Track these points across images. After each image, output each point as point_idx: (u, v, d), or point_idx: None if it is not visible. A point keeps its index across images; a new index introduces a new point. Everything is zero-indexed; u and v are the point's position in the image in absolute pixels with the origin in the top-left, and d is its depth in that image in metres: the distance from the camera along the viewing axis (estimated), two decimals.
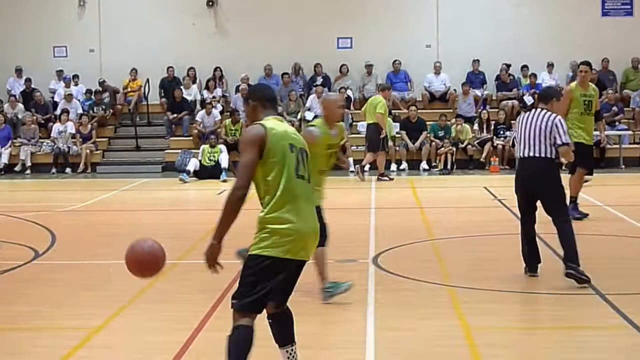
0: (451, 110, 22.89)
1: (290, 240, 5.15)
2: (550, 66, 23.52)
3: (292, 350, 5.55)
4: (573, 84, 12.70)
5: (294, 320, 5.56)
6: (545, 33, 23.65)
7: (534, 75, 23.12)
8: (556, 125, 8.41)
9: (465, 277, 8.79)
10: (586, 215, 12.51)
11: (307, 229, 5.23)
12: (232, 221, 5.16)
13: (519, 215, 8.85)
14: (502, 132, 21.62)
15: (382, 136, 18.52)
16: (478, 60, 23.47)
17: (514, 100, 22.78)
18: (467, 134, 21.51)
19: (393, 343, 6.63)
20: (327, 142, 7.88)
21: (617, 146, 21.38)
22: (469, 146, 21.45)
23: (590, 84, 12.62)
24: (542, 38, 23.65)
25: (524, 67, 23.46)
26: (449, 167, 20.87)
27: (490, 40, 23.66)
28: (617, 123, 22.00)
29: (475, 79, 23.30)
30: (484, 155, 21.22)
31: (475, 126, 21.87)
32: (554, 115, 8.55)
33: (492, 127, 21.80)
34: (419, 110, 21.99)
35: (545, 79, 23.41)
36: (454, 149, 21.10)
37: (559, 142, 8.35)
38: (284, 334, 5.53)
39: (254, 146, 5.16)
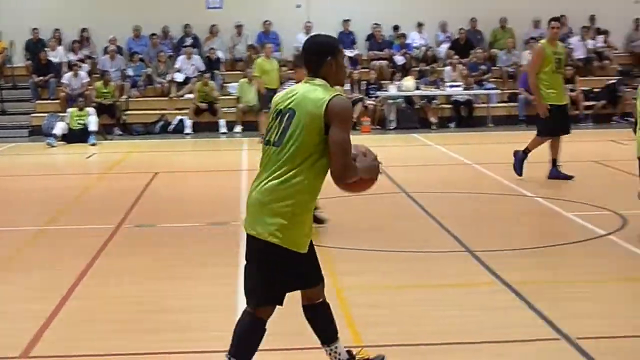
0: None
1: None
2: (420, 26, 23.83)
3: (331, 349, 4.99)
4: (543, 41, 12.49)
5: None
6: None
7: (404, 35, 23.38)
8: None
9: (339, 238, 8.84)
10: (571, 177, 12.29)
11: None
12: None
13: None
14: (372, 92, 21.80)
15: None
16: (349, 20, 23.53)
17: (384, 61, 22.99)
18: None
19: None
20: None
21: (485, 105, 21.84)
22: None
23: (559, 42, 12.54)
24: None
25: (395, 28, 23.68)
26: None
27: (360, 0, 23.77)
28: (484, 82, 22.46)
29: (346, 39, 23.36)
30: (355, 115, 21.35)
31: (347, 86, 21.97)
32: None
33: (364, 88, 21.97)
34: (289, 71, 21.94)
35: (415, 39, 23.72)
36: None
37: None
38: (317, 333, 5.01)
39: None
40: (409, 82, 21.63)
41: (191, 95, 21.51)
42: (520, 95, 21.21)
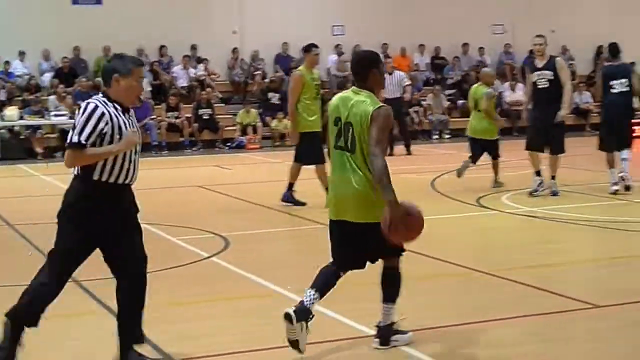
0: None
1: None
2: (22, 54, 23.36)
3: (386, 306, 6.00)
4: (302, 68, 12.30)
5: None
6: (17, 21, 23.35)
7: (8, 63, 22.88)
8: None
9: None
10: (304, 203, 12.19)
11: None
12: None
13: None
14: None
15: None
16: None
17: None
18: None
19: None
20: None
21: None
22: None
23: (315, 70, 12.36)
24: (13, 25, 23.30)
25: None
26: None
27: None
28: None
29: None
30: None
31: None
32: None
33: None
34: None
35: (18, 68, 23.19)
36: None
37: None
38: (383, 290, 6.01)
39: None
40: (12, 111, 21.01)
41: None
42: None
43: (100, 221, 5.43)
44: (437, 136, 24.61)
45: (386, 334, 5.99)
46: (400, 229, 5.55)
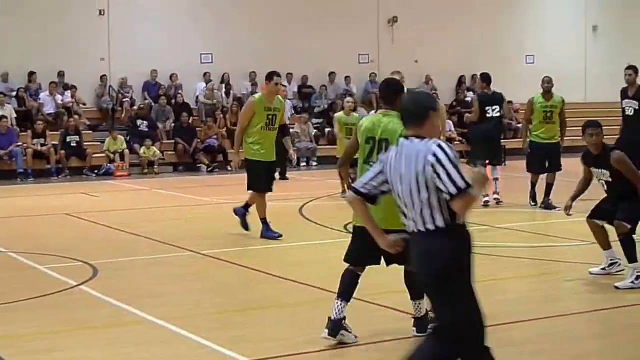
0: None
1: None
2: None
3: (415, 302, 6.82)
4: (258, 95, 11.88)
5: None
6: None
7: None
8: None
9: None
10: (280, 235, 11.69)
11: None
12: None
13: None
14: None
15: None
16: None
17: None
18: None
19: None
20: None
21: None
22: None
23: (278, 99, 11.80)
24: None
25: None
26: None
27: None
28: None
29: None
30: None
31: None
32: None
33: None
34: None
35: None
36: None
37: None
38: (410, 289, 6.82)
39: None
40: None
41: None
42: None
43: None
44: (304, 163, 24.94)
45: (424, 324, 6.61)
46: None
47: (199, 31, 26.46)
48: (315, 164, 24.85)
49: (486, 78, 14.91)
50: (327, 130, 25.99)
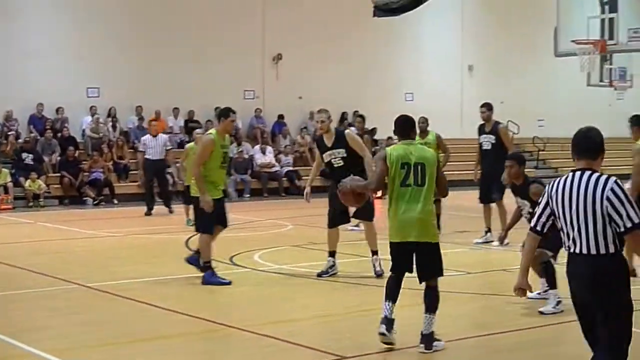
0: None
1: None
2: None
3: (427, 316, 7.58)
4: (214, 133, 11.27)
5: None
6: None
7: None
8: None
9: None
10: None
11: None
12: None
13: None
14: None
15: None
16: None
17: None
18: None
19: None
20: None
21: None
22: None
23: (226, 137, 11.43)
24: None
25: None
26: None
27: None
28: None
29: None
30: None
31: None
32: None
33: None
34: None
35: None
36: None
37: None
38: (425, 303, 7.61)
39: None
40: None
41: None
42: None
43: None
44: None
45: (427, 340, 7.55)
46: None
47: (86, 65, 26.43)
48: None
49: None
50: None
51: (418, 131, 14.83)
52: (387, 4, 21.93)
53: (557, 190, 5.43)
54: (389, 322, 7.59)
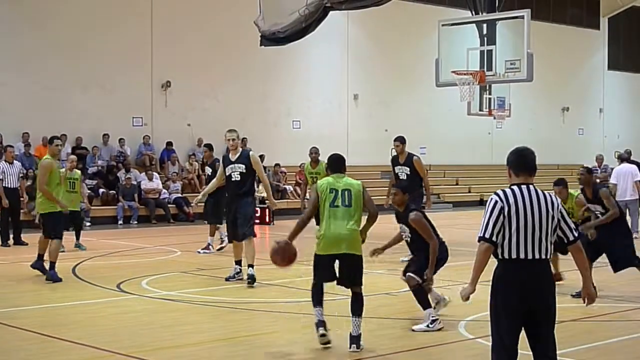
0: None
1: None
2: None
3: (355, 319, 8.64)
4: (50, 157, 13.85)
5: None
6: None
7: None
8: None
9: None
10: None
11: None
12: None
13: None
14: None
15: None
16: None
17: None
18: None
19: None
20: None
21: None
22: None
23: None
24: None
25: None
26: None
27: None
28: None
29: None
30: None
31: None
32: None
33: None
34: None
35: None
36: None
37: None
38: (353, 308, 8.69)
39: None
40: None
41: None
42: None
43: None
44: None
45: (357, 340, 8.53)
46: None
47: None
48: (88, 224, 24.82)
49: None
50: (101, 190, 26.17)
51: (309, 160, 16.26)
52: (274, 34, 22.35)
53: (512, 202, 5.91)
54: (323, 323, 8.74)
